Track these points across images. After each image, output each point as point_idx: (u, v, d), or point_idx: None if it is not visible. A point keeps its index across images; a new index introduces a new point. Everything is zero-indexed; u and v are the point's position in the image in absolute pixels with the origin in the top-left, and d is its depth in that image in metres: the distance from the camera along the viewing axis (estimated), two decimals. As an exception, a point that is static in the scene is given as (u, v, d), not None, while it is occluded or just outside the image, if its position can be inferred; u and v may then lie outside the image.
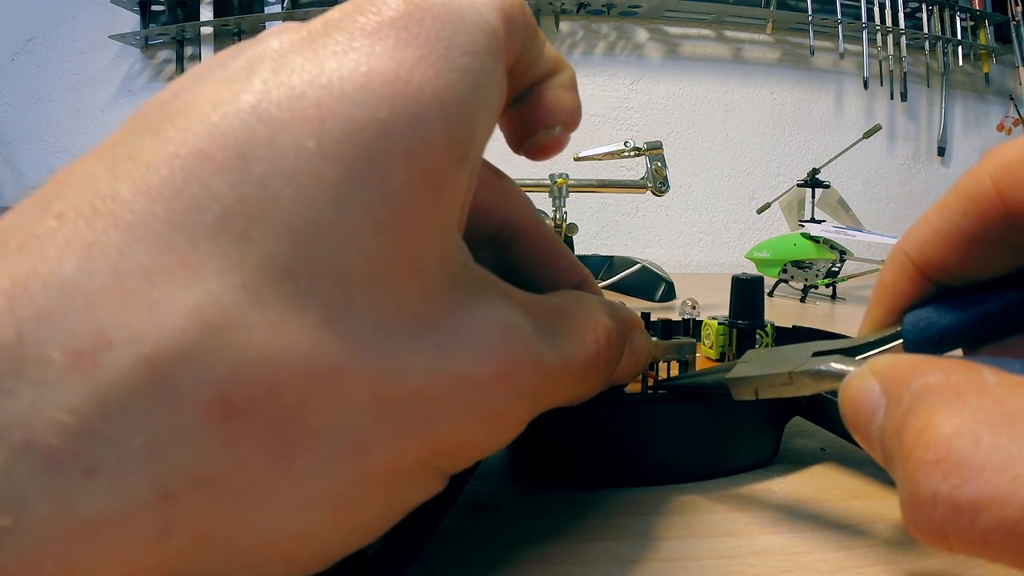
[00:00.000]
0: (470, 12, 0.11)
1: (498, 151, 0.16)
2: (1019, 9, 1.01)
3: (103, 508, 0.07)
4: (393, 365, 0.10)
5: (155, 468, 0.08)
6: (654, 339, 0.25)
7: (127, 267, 0.08)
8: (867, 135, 0.70)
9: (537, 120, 0.15)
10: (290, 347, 0.09)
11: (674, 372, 0.25)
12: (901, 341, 0.16)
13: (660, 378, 0.25)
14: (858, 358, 0.15)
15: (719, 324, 0.30)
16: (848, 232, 0.66)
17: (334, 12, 0.11)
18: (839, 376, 0.14)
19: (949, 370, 0.10)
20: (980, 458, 0.08)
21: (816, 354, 0.16)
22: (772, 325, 0.30)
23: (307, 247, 0.09)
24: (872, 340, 0.16)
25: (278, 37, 0.11)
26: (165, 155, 0.09)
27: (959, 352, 0.15)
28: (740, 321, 0.26)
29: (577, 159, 0.58)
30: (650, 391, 0.24)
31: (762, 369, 0.17)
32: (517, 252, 0.17)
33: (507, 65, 0.13)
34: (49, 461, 0.07)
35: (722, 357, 0.30)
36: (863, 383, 0.12)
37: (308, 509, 0.09)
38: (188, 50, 1.01)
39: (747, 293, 0.27)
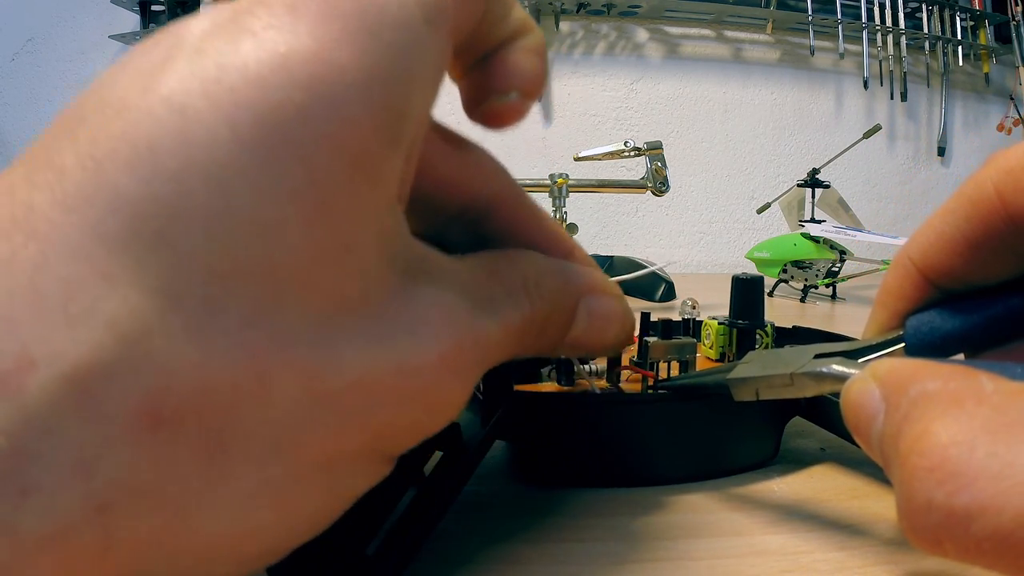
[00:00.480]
0: None
1: (498, 147, 0.16)
2: (1019, 9, 1.01)
3: (42, 526, 0.07)
4: (326, 360, 0.09)
5: (88, 483, 0.08)
6: (654, 339, 0.25)
7: (45, 282, 0.08)
8: (867, 135, 0.70)
9: (493, 84, 0.14)
10: (214, 352, 0.08)
11: (674, 372, 0.25)
12: (903, 345, 0.16)
13: (660, 378, 0.25)
14: (860, 361, 0.15)
15: (719, 324, 0.30)
16: (848, 232, 0.66)
17: None
18: (840, 378, 0.14)
19: (948, 377, 0.10)
20: (975, 466, 0.08)
21: (818, 356, 0.16)
22: (772, 325, 0.30)
23: (226, 244, 0.08)
24: (874, 343, 0.16)
25: (203, 20, 0.10)
26: (78, 158, 0.08)
27: (961, 356, 0.16)
28: (740, 321, 0.26)
29: (577, 159, 0.58)
30: (650, 391, 0.24)
31: (763, 370, 0.17)
32: (492, 226, 0.16)
33: (458, 27, 0.12)
34: None
35: (722, 357, 0.30)
36: (864, 387, 0.12)
37: (248, 507, 0.09)
38: (181, 20, 1.01)
39: (747, 293, 0.27)
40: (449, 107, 0.15)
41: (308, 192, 0.09)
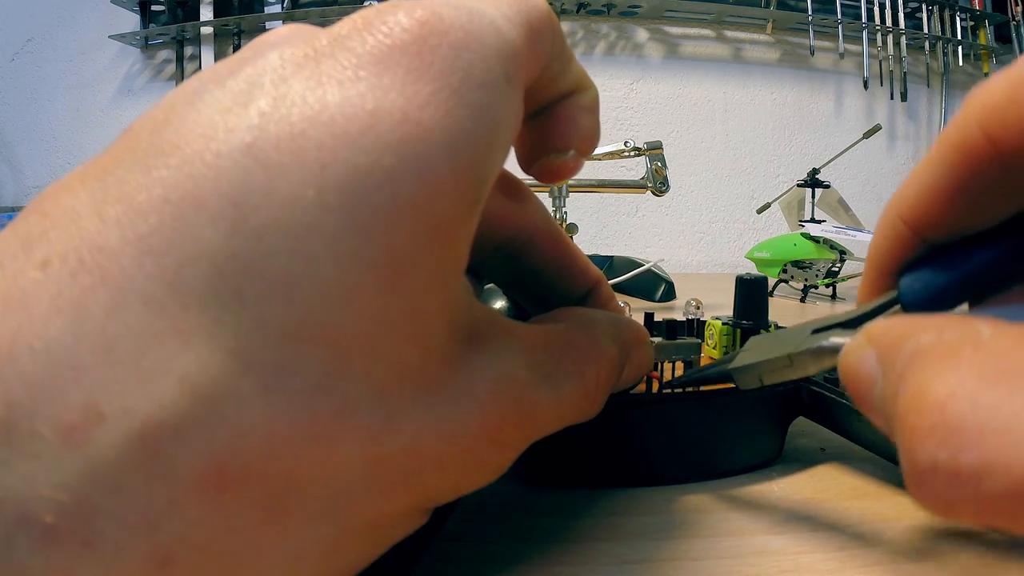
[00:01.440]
0: (490, 34, 0.10)
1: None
2: (1019, 9, 1.01)
3: (113, 559, 0.07)
4: (384, 426, 0.10)
5: (152, 538, 0.08)
6: (657, 340, 0.25)
7: (116, 331, 0.08)
8: (867, 135, 0.70)
9: (551, 142, 0.14)
10: (281, 415, 0.08)
11: (679, 373, 0.25)
12: (899, 305, 0.15)
13: (664, 379, 0.25)
14: (858, 329, 0.15)
15: (723, 324, 0.30)
16: (848, 232, 0.66)
17: (342, 26, 0.10)
18: (838, 350, 0.14)
19: (942, 328, 0.09)
20: (978, 421, 0.08)
21: (815, 331, 0.15)
22: (776, 325, 0.30)
23: (302, 308, 0.08)
24: (870, 308, 0.16)
25: (280, 51, 0.10)
26: (155, 199, 0.08)
27: (965, 308, 0.15)
28: (744, 321, 0.26)
29: (577, 159, 0.58)
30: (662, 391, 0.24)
31: (762, 355, 0.17)
32: (530, 259, 0.17)
33: (527, 84, 0.12)
34: (47, 536, 0.07)
35: (724, 357, 0.30)
36: (860, 353, 0.11)
37: (298, 562, 0.09)
38: (188, 50, 1.01)
39: (751, 293, 0.27)
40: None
41: (387, 260, 0.09)
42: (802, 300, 0.68)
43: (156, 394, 0.08)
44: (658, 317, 0.26)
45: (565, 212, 0.57)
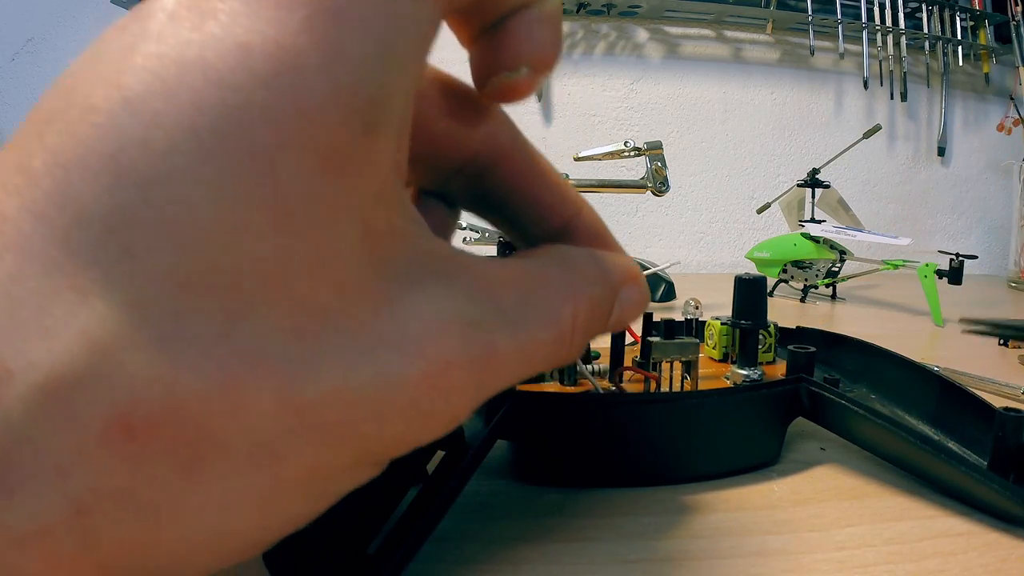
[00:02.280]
0: None
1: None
2: (1019, 9, 1.01)
3: (27, 524, 0.08)
4: (301, 372, 0.09)
5: (65, 486, 0.08)
6: (657, 339, 0.25)
7: (19, 294, 0.08)
8: (867, 135, 0.70)
9: (500, 59, 0.13)
10: (183, 364, 0.08)
11: (677, 373, 0.25)
12: None
13: (664, 379, 0.25)
14: None
15: (722, 324, 0.30)
16: (848, 232, 0.66)
17: None
18: None
19: None
20: None
21: None
22: (775, 325, 0.30)
23: (193, 256, 0.08)
24: None
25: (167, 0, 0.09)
26: (45, 164, 0.08)
27: None
28: (743, 321, 0.26)
29: (577, 159, 0.58)
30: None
31: None
32: (497, 182, 0.15)
33: None
34: None
35: (725, 357, 0.30)
36: None
37: (227, 512, 0.09)
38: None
39: (750, 293, 0.27)
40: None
41: (273, 199, 0.09)
42: (802, 300, 0.68)
43: (57, 349, 0.08)
44: (657, 317, 0.26)
45: (565, 212, 0.57)
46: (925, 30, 1.02)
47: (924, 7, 1.02)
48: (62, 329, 0.08)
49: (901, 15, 1.01)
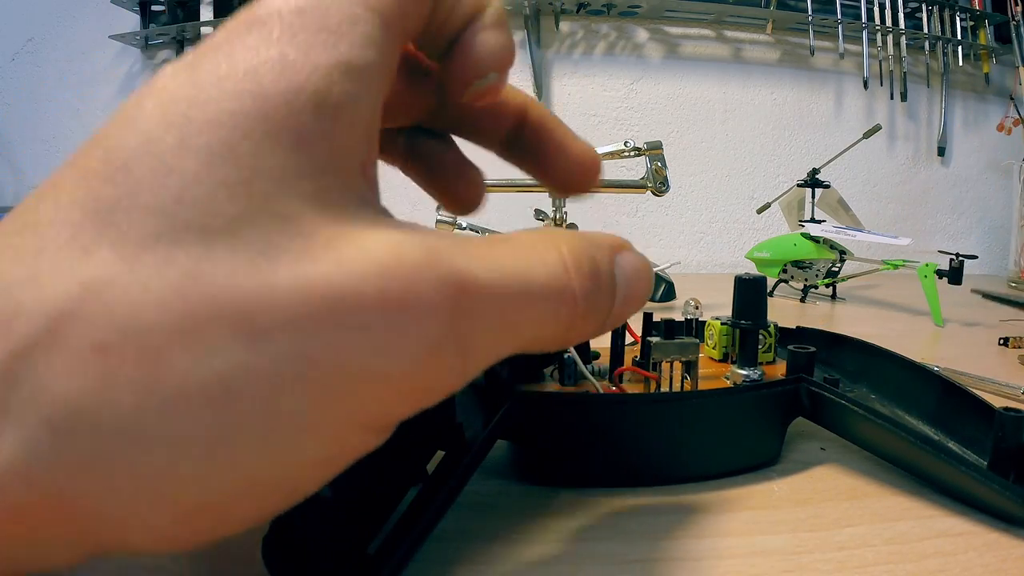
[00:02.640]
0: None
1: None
2: (1019, 9, 1.01)
3: (12, 438, 0.10)
4: (251, 300, 0.10)
5: (48, 400, 0.10)
6: (657, 339, 0.25)
7: (41, 261, 0.10)
8: (867, 135, 0.70)
9: (468, 72, 0.15)
10: (153, 298, 0.10)
11: (677, 373, 0.25)
12: None
13: (664, 379, 0.25)
14: None
15: (722, 324, 0.30)
16: (848, 232, 0.66)
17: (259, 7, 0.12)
18: None
19: None
20: None
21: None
22: (775, 325, 0.30)
23: (169, 219, 0.10)
24: None
25: (225, 27, 0.12)
26: (72, 176, 0.11)
27: None
28: (743, 321, 0.26)
29: (577, 159, 0.58)
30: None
31: None
32: (530, 132, 0.19)
33: (400, 12, 0.13)
34: None
35: (725, 357, 0.30)
36: None
37: (180, 450, 0.10)
38: (188, 50, 1.01)
39: (750, 293, 0.27)
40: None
41: (236, 172, 0.11)
42: (802, 300, 0.68)
43: (60, 289, 0.10)
44: (657, 317, 0.26)
45: (565, 212, 0.57)
46: (925, 30, 1.02)
47: (924, 7, 1.02)
48: (66, 276, 0.10)
49: (901, 15, 1.01)
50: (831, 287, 0.69)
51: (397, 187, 0.20)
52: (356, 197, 0.12)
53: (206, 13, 0.99)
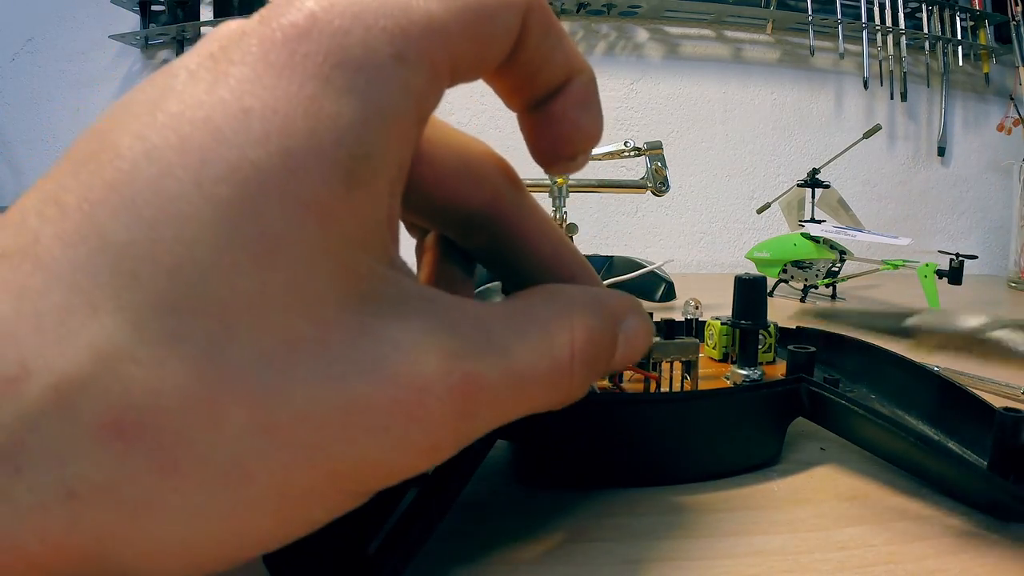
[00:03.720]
0: (386, 16, 0.11)
1: (499, 147, 0.16)
2: (1019, 9, 1.01)
3: (28, 499, 0.09)
4: (273, 393, 0.10)
5: (60, 472, 0.09)
6: (657, 339, 0.25)
7: (45, 307, 0.09)
8: (867, 135, 0.70)
9: (556, 149, 0.15)
10: (171, 379, 0.10)
11: (677, 373, 0.25)
12: None
13: (664, 379, 0.25)
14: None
15: (722, 324, 0.30)
16: (848, 232, 0.66)
17: (251, 20, 0.11)
18: None
19: None
20: None
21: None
22: (775, 325, 0.30)
23: (186, 285, 0.10)
24: None
25: (193, 57, 0.11)
26: (77, 200, 0.10)
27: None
28: (743, 321, 0.26)
29: (577, 159, 0.58)
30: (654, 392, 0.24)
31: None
32: (497, 237, 0.16)
33: (459, 62, 0.12)
34: None
35: (725, 357, 0.30)
36: None
37: (197, 521, 0.10)
38: (188, 50, 1.01)
39: (750, 293, 0.27)
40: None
41: (259, 240, 0.10)
42: (802, 300, 0.68)
43: (69, 355, 0.09)
44: (658, 317, 0.26)
45: (565, 212, 0.57)
46: (925, 30, 1.02)
47: (924, 7, 1.02)
48: (75, 339, 0.09)
49: (901, 15, 1.01)
50: (831, 287, 0.69)
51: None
52: (381, 266, 0.12)
53: (206, 13, 0.99)
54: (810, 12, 0.99)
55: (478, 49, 0.12)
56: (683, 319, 0.31)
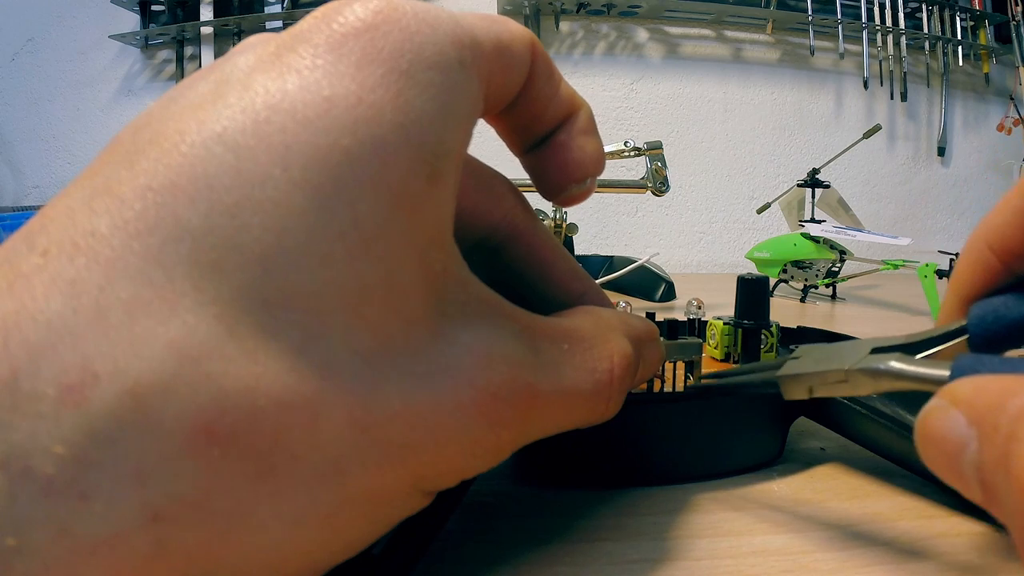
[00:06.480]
0: (445, 22, 0.11)
1: (494, 148, 0.17)
2: (1019, 9, 1.01)
3: (99, 530, 0.08)
4: (369, 391, 0.10)
5: (144, 493, 0.08)
6: (659, 339, 0.25)
7: (108, 302, 0.08)
8: (867, 135, 0.70)
9: (566, 175, 0.16)
10: (266, 376, 0.09)
11: (680, 373, 0.25)
12: (967, 336, 0.14)
13: (666, 379, 0.25)
14: (919, 356, 0.14)
15: (724, 324, 0.30)
16: (848, 232, 0.66)
17: (304, 22, 0.11)
18: (897, 376, 0.13)
19: None
20: None
21: (875, 351, 0.15)
22: (777, 325, 0.30)
23: (279, 276, 0.09)
24: (934, 335, 0.15)
25: (246, 55, 0.11)
26: (138, 188, 0.09)
27: None
28: (745, 321, 0.26)
29: (577, 159, 0.58)
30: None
31: (816, 366, 0.16)
32: (510, 257, 0.17)
33: (492, 82, 0.13)
34: (47, 488, 0.08)
35: (727, 357, 0.30)
36: (945, 415, 0.10)
37: (293, 527, 0.10)
38: (188, 50, 1.01)
39: (753, 293, 0.27)
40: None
41: (354, 230, 0.09)
42: (802, 300, 0.68)
43: (146, 356, 0.08)
44: (659, 317, 0.26)
45: (565, 212, 0.57)
46: (925, 30, 1.02)
47: (924, 7, 1.02)
48: (151, 338, 0.08)
49: (901, 15, 1.01)
50: (831, 287, 0.69)
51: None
52: (453, 265, 0.12)
53: (206, 13, 0.99)
54: (810, 12, 0.99)
55: (504, 73, 0.13)
56: (685, 319, 0.31)
